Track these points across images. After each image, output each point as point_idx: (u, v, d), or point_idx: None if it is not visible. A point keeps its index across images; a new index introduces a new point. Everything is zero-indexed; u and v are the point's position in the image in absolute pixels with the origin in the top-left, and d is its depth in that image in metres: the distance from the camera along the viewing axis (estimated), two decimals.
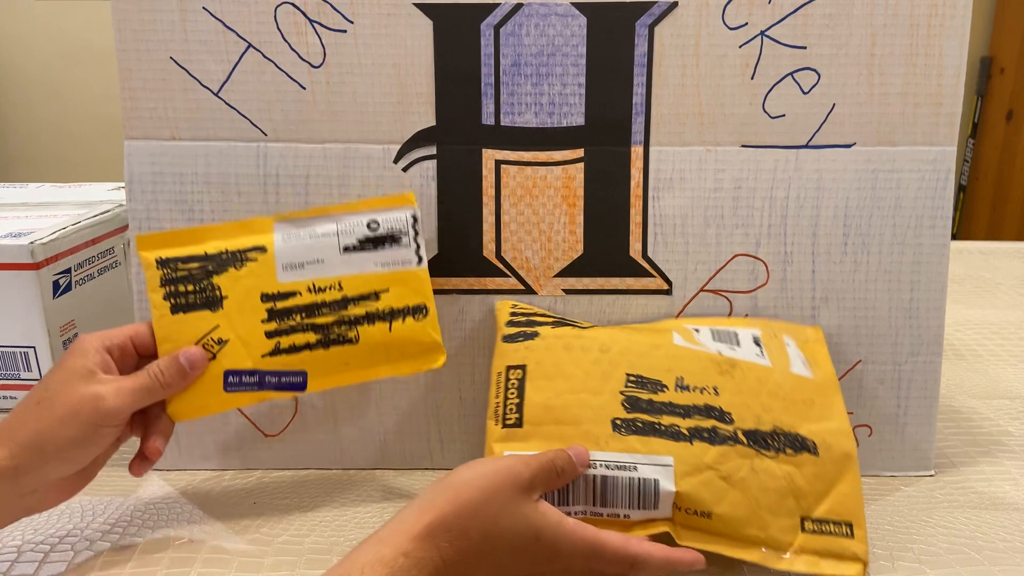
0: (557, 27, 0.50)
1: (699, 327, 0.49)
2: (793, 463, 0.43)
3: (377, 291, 0.46)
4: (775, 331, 0.49)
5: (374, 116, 0.51)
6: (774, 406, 0.44)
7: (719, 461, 0.43)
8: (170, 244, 0.47)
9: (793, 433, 0.44)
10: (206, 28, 0.49)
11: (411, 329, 0.47)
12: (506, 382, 0.46)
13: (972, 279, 0.95)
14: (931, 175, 0.51)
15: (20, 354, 0.61)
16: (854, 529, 0.43)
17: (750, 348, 0.47)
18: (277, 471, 0.54)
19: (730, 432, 0.43)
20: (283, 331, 0.46)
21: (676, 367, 0.45)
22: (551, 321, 0.48)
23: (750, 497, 0.42)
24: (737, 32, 0.50)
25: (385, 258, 0.47)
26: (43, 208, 0.70)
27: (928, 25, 0.50)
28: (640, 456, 0.43)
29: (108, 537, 0.47)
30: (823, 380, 0.47)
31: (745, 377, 0.45)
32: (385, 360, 0.47)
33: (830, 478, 0.44)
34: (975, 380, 0.68)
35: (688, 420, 0.44)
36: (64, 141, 2.15)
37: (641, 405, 0.44)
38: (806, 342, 0.50)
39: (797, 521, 0.43)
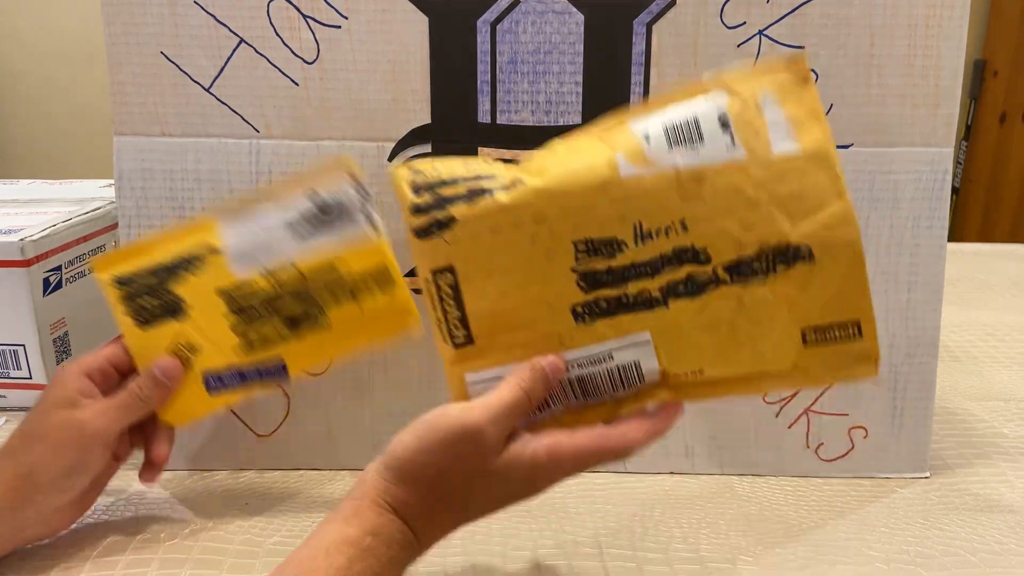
0: (554, 24, 0.49)
1: (649, 128, 0.38)
2: (787, 279, 0.38)
3: (336, 267, 0.45)
4: (748, 93, 0.39)
5: (368, 113, 0.50)
6: (755, 220, 0.38)
7: (701, 315, 0.38)
8: (123, 260, 0.46)
9: (782, 245, 0.38)
10: (197, 22, 0.49)
11: (380, 300, 0.45)
12: (438, 291, 0.39)
13: (966, 281, 0.95)
14: (928, 176, 0.51)
15: (10, 352, 0.61)
16: (862, 325, 0.38)
17: (717, 139, 0.38)
18: (269, 471, 0.54)
19: (709, 274, 0.38)
20: (250, 322, 0.45)
21: (630, 211, 0.37)
22: (464, 191, 0.38)
23: (741, 337, 0.38)
24: (735, 31, 0.49)
25: (337, 233, 0.45)
26: (34, 205, 0.69)
27: (926, 26, 0.49)
28: (613, 342, 0.38)
29: (98, 537, 0.46)
30: (813, 148, 0.38)
31: (716, 192, 0.37)
32: (359, 334, 0.46)
33: (833, 280, 0.38)
34: (970, 382, 0.68)
35: (658, 278, 0.38)
36: (57, 138, 2.13)
37: (600, 278, 0.38)
38: (786, 88, 0.39)
39: (798, 335, 0.38)
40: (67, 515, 0.45)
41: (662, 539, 0.47)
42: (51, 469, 0.42)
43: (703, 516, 0.49)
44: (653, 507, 0.50)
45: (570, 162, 0.38)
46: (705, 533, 0.47)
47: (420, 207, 0.38)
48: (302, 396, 0.53)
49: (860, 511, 0.50)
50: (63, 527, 0.45)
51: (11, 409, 0.62)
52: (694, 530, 0.47)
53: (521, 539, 0.46)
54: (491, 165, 0.39)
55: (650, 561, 0.45)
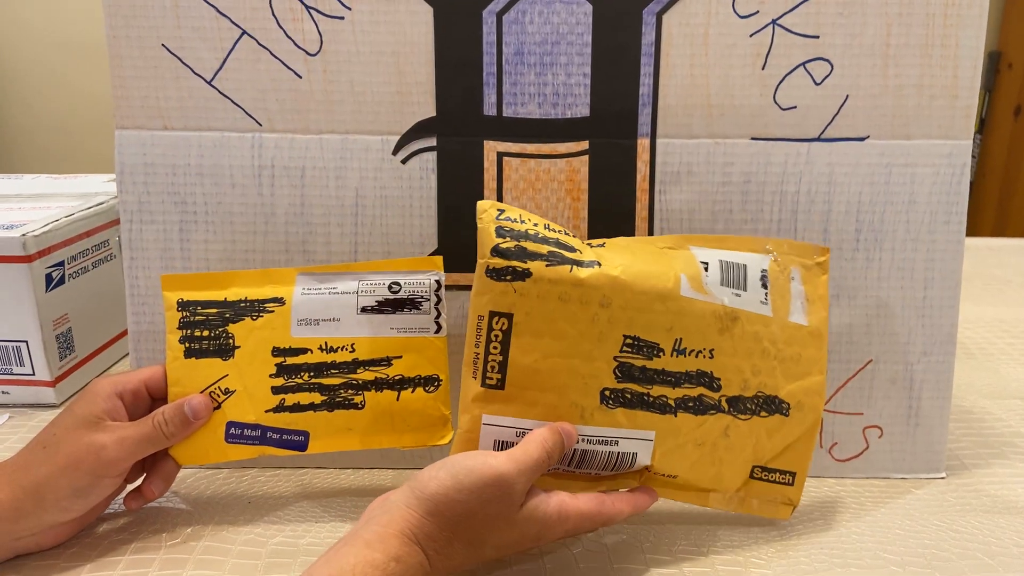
0: (562, 14, 0.48)
1: (708, 258, 0.45)
2: (763, 424, 0.45)
3: (390, 357, 0.46)
4: (784, 263, 0.46)
5: (372, 106, 0.49)
6: (763, 367, 0.45)
7: (698, 430, 0.44)
8: (193, 287, 0.46)
9: (773, 396, 0.45)
10: (199, 14, 0.48)
11: (420, 400, 0.46)
12: (488, 331, 0.41)
13: (981, 276, 0.94)
14: (946, 169, 0.50)
15: (12, 348, 0.60)
16: (795, 478, 0.46)
17: (756, 291, 0.45)
18: (273, 470, 0.53)
19: (715, 400, 0.44)
20: (290, 388, 0.45)
21: (677, 325, 0.43)
22: (545, 252, 0.41)
23: (716, 457, 0.44)
24: (748, 20, 0.48)
25: (403, 323, 0.46)
26: (37, 200, 0.69)
27: (944, 15, 0.48)
28: (623, 431, 0.42)
29: (100, 536, 0.46)
30: (814, 327, 0.46)
31: (744, 334, 0.44)
32: (390, 429, 0.46)
33: (792, 436, 0.46)
34: (986, 379, 0.67)
35: (678, 390, 0.43)
36: (61, 132, 2.14)
37: (634, 374, 0.42)
38: (810, 270, 0.47)
39: (748, 469, 0.45)
40: (64, 531, 0.44)
41: (672, 542, 0.46)
42: (59, 489, 0.42)
43: (714, 517, 0.48)
44: (663, 509, 0.49)
45: (642, 266, 0.43)
46: (716, 535, 0.46)
47: (502, 250, 0.41)
48: None
49: (875, 512, 0.49)
50: (58, 542, 0.44)
51: (14, 405, 0.62)
52: (705, 532, 0.47)
53: None
54: (572, 239, 0.43)
55: (660, 563, 0.44)
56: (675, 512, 0.48)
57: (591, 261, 0.42)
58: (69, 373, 0.63)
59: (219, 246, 0.51)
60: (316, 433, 0.46)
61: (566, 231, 0.45)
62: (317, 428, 0.46)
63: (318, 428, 0.46)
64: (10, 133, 2.15)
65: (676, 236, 0.47)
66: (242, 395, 0.45)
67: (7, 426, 0.59)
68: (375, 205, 0.50)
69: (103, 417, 0.42)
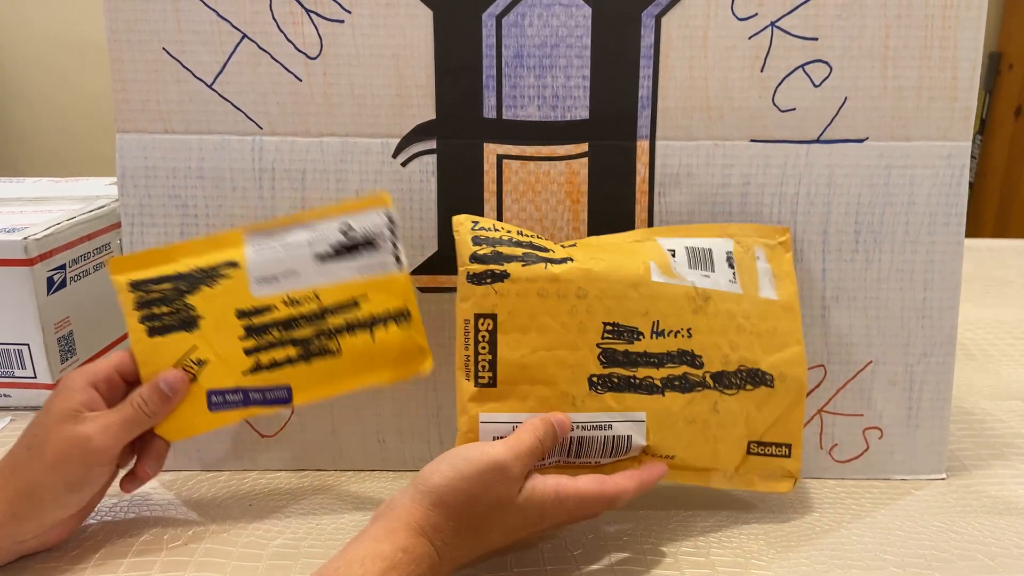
0: (561, 17, 0.48)
1: (674, 245, 0.47)
2: (751, 397, 0.46)
3: (356, 299, 0.45)
4: (747, 244, 0.48)
5: (372, 109, 0.49)
6: (741, 342, 0.46)
7: (687, 408, 0.45)
8: (141, 265, 0.45)
9: (755, 369, 0.46)
10: (199, 18, 0.48)
11: (394, 336, 0.45)
12: (475, 333, 0.43)
13: (981, 277, 0.94)
14: (945, 171, 0.50)
15: (14, 351, 0.60)
16: (791, 449, 0.47)
17: (724, 272, 0.47)
18: (273, 472, 0.53)
19: (699, 377, 0.45)
20: (262, 347, 0.45)
21: (653, 309, 0.44)
22: (520, 254, 0.44)
23: (709, 435, 0.46)
24: (746, 23, 0.48)
25: (362, 264, 0.45)
26: (38, 203, 0.69)
27: (943, 17, 0.48)
28: (615, 414, 0.44)
29: (102, 538, 0.46)
30: (785, 301, 0.48)
31: (717, 312, 0.46)
32: (370, 368, 0.46)
33: (781, 407, 0.47)
34: (987, 381, 0.67)
35: (662, 370, 0.44)
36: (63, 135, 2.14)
37: (617, 358, 0.44)
38: (773, 249, 0.49)
39: (744, 445, 0.47)
40: (67, 527, 0.44)
41: (673, 543, 0.46)
42: (54, 486, 0.42)
43: (714, 519, 0.48)
44: (664, 511, 0.49)
45: (613, 258, 0.45)
46: (716, 536, 0.46)
47: (479, 256, 0.43)
48: None
49: (875, 513, 0.49)
50: (62, 538, 0.44)
51: (16, 409, 0.62)
52: (705, 533, 0.47)
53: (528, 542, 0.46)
54: (545, 241, 0.46)
55: (661, 565, 0.44)
56: (676, 512, 0.48)
57: (564, 258, 0.44)
58: None
59: None
60: (298, 386, 0.45)
61: (538, 235, 0.47)
62: (298, 381, 0.45)
63: (299, 381, 0.45)
64: (12, 136, 2.15)
65: (642, 230, 0.49)
66: (216, 363, 0.45)
67: (8, 429, 0.59)
68: None
69: (81, 409, 0.42)
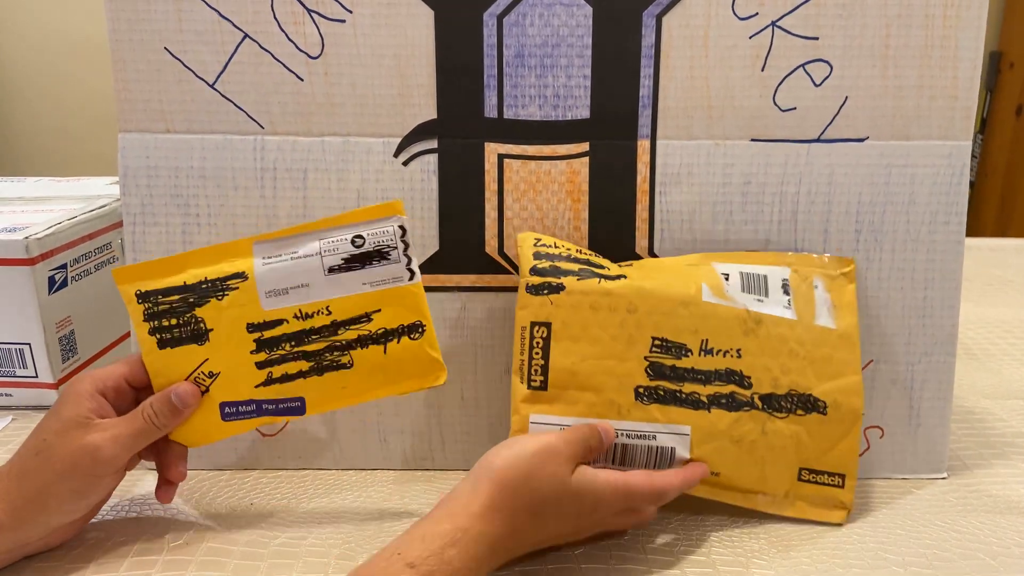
0: (562, 17, 0.48)
1: (729, 270, 0.48)
2: (802, 423, 0.47)
3: (368, 312, 0.45)
4: (805, 273, 0.49)
5: (374, 108, 0.50)
6: (792, 367, 0.47)
7: (733, 427, 0.46)
8: (149, 276, 0.45)
9: (807, 394, 0.47)
10: (201, 18, 0.48)
11: (407, 349, 0.45)
12: (531, 339, 0.46)
13: (982, 277, 0.94)
14: (946, 170, 0.50)
15: (15, 351, 0.60)
16: (845, 480, 0.48)
17: (777, 298, 0.48)
18: (275, 471, 0.53)
19: (747, 397, 0.46)
20: (274, 361, 0.45)
21: (702, 328, 0.46)
22: (576, 269, 0.46)
23: (757, 457, 0.46)
24: (747, 22, 0.48)
25: (374, 276, 0.45)
26: (39, 202, 0.69)
27: (944, 16, 0.48)
28: (659, 425, 0.45)
29: (103, 538, 0.46)
30: (844, 331, 0.48)
31: (769, 335, 0.46)
32: (383, 382, 0.46)
33: (834, 436, 0.47)
34: (988, 380, 0.67)
35: (708, 387, 0.46)
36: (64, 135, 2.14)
37: (664, 372, 0.46)
38: (834, 279, 0.49)
39: (795, 471, 0.47)
40: (71, 529, 0.44)
41: (673, 542, 0.46)
42: (60, 494, 0.42)
43: (715, 519, 0.48)
44: (665, 511, 0.49)
45: (665, 278, 0.47)
46: (718, 536, 0.46)
47: (538, 270, 0.46)
48: None
49: (876, 513, 0.49)
50: (66, 540, 0.45)
51: (17, 408, 0.62)
52: (706, 533, 0.47)
53: None
54: (602, 259, 0.48)
55: (662, 564, 0.44)
56: (676, 512, 0.48)
57: (617, 275, 0.46)
58: (72, 375, 0.63)
59: None
60: (311, 397, 0.45)
61: (596, 254, 0.49)
62: (311, 392, 0.45)
63: (312, 392, 0.45)
64: (13, 136, 2.16)
65: (700, 255, 0.50)
66: (228, 376, 0.45)
67: (10, 428, 0.59)
68: None
69: (91, 416, 0.42)
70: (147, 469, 0.53)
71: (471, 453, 0.53)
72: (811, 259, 0.50)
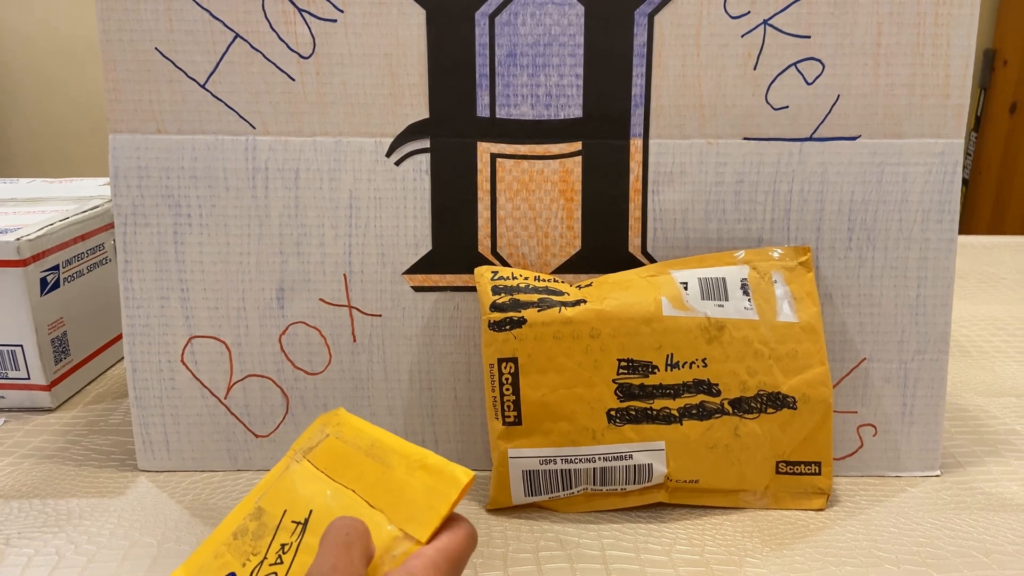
0: (554, 16, 0.48)
1: (688, 278, 0.48)
2: (773, 420, 0.47)
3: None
4: (764, 269, 0.49)
5: (365, 108, 0.49)
6: (759, 367, 0.47)
7: (706, 435, 0.47)
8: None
9: (775, 392, 0.47)
10: (192, 18, 0.48)
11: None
12: (499, 376, 0.46)
13: (976, 274, 0.94)
14: (938, 168, 0.50)
15: (8, 352, 0.60)
16: (822, 467, 0.49)
17: (738, 300, 0.48)
18: (268, 472, 0.53)
19: (717, 405, 0.47)
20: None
21: (666, 343, 0.46)
22: (536, 300, 0.46)
23: (733, 458, 0.47)
24: (739, 21, 0.48)
25: None
26: (32, 204, 0.69)
27: (935, 14, 0.48)
28: (634, 444, 0.46)
29: (94, 540, 0.46)
30: (806, 322, 0.48)
31: (732, 340, 0.47)
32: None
33: (807, 427, 0.48)
34: (981, 377, 0.67)
35: (678, 400, 0.46)
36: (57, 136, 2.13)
37: (633, 392, 0.46)
38: (793, 271, 0.49)
39: (773, 465, 0.48)
40: None
41: (666, 541, 0.46)
42: None
43: (708, 517, 0.48)
44: (657, 509, 0.49)
45: (625, 296, 0.47)
46: (711, 535, 0.46)
47: (498, 305, 0.46)
48: (301, 396, 0.53)
49: (869, 511, 0.49)
50: None
51: (10, 410, 0.62)
52: (699, 532, 0.47)
53: (523, 541, 0.46)
54: (561, 284, 0.48)
55: (654, 563, 0.44)
56: (669, 509, 0.48)
57: (577, 300, 0.47)
58: (64, 377, 0.63)
59: (213, 248, 0.51)
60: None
61: (555, 279, 0.49)
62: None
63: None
64: (4, 137, 2.15)
65: (657, 264, 0.50)
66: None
67: (2, 431, 0.59)
68: (369, 207, 0.50)
69: None
70: (138, 471, 0.53)
71: (465, 452, 0.53)
72: (767, 254, 0.49)
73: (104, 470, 0.53)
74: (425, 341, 0.52)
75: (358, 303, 0.52)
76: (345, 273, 0.51)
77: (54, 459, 0.55)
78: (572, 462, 0.47)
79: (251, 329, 0.52)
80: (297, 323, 0.52)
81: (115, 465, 0.54)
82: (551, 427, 0.46)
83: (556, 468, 0.47)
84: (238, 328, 0.52)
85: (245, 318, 0.51)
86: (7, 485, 0.51)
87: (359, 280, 0.51)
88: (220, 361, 0.52)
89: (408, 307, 0.52)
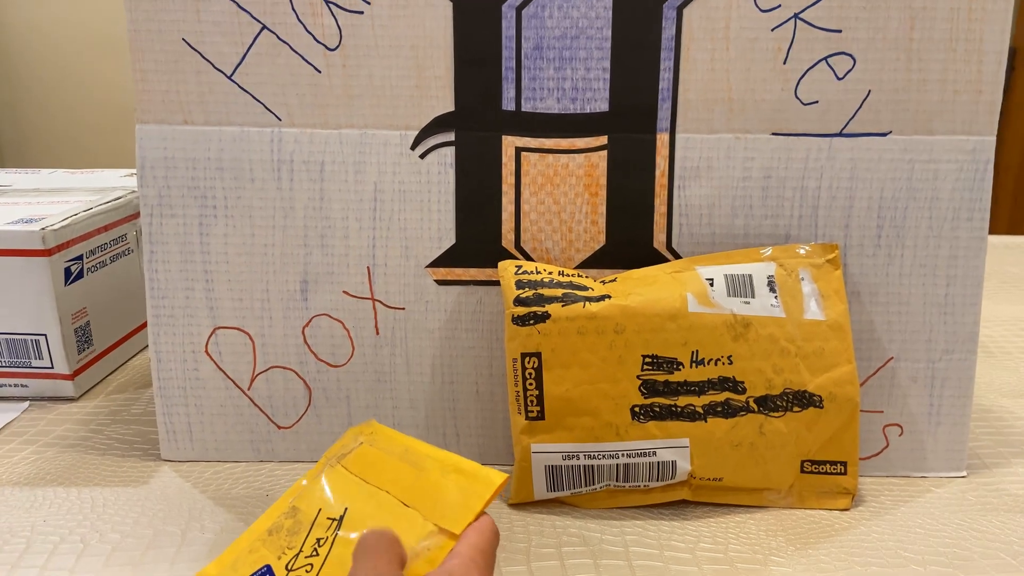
0: (582, 8, 0.48)
1: (713, 274, 0.48)
2: (799, 419, 0.47)
3: None
4: (791, 267, 0.48)
5: (391, 100, 0.49)
6: (785, 365, 0.47)
7: (731, 432, 0.46)
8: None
9: (802, 391, 0.47)
10: (219, 9, 0.48)
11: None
12: (523, 371, 0.46)
13: (998, 274, 0.93)
14: (970, 165, 0.49)
15: (31, 342, 0.61)
16: (847, 467, 0.48)
17: (764, 297, 0.47)
18: (290, 463, 0.53)
19: (742, 402, 0.46)
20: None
21: (691, 339, 0.46)
22: (560, 294, 0.46)
23: (757, 457, 0.47)
24: (769, 15, 0.48)
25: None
26: (55, 194, 0.69)
27: (969, 9, 0.48)
28: (658, 441, 0.46)
29: (119, 528, 0.46)
30: (833, 320, 0.48)
31: (758, 337, 0.46)
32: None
33: (833, 426, 0.47)
34: (1005, 378, 0.66)
35: (703, 397, 0.46)
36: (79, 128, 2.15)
37: (658, 388, 0.46)
38: (820, 268, 0.49)
39: (798, 465, 0.48)
40: None
41: (690, 539, 0.45)
42: None
43: (732, 515, 0.48)
44: (681, 506, 0.49)
45: (650, 292, 0.46)
46: (734, 533, 0.46)
47: (522, 299, 0.46)
48: (323, 388, 0.53)
49: (895, 511, 0.48)
50: None
51: (33, 398, 0.62)
52: (723, 530, 0.46)
53: (546, 536, 0.46)
54: (585, 279, 0.48)
55: (678, 561, 0.44)
56: (693, 507, 0.48)
57: (601, 296, 0.46)
58: (88, 366, 0.63)
59: (238, 240, 0.51)
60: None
61: (579, 274, 0.49)
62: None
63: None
64: (25, 129, 2.16)
65: (683, 260, 0.50)
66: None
67: (26, 420, 0.59)
68: (393, 199, 0.50)
69: None
70: (161, 461, 0.53)
71: (486, 447, 0.53)
72: (794, 250, 0.49)
73: (127, 459, 0.54)
74: (448, 335, 0.52)
75: (381, 296, 0.52)
76: (369, 266, 0.51)
77: (77, 448, 0.55)
78: (595, 458, 0.47)
79: (275, 321, 0.52)
80: (320, 315, 0.52)
81: (138, 455, 0.54)
82: (574, 422, 0.46)
83: (579, 464, 0.47)
84: (262, 319, 0.52)
85: (269, 310, 0.52)
86: (31, 473, 0.52)
87: (383, 273, 0.51)
88: (244, 352, 0.52)
89: (431, 300, 0.51)
